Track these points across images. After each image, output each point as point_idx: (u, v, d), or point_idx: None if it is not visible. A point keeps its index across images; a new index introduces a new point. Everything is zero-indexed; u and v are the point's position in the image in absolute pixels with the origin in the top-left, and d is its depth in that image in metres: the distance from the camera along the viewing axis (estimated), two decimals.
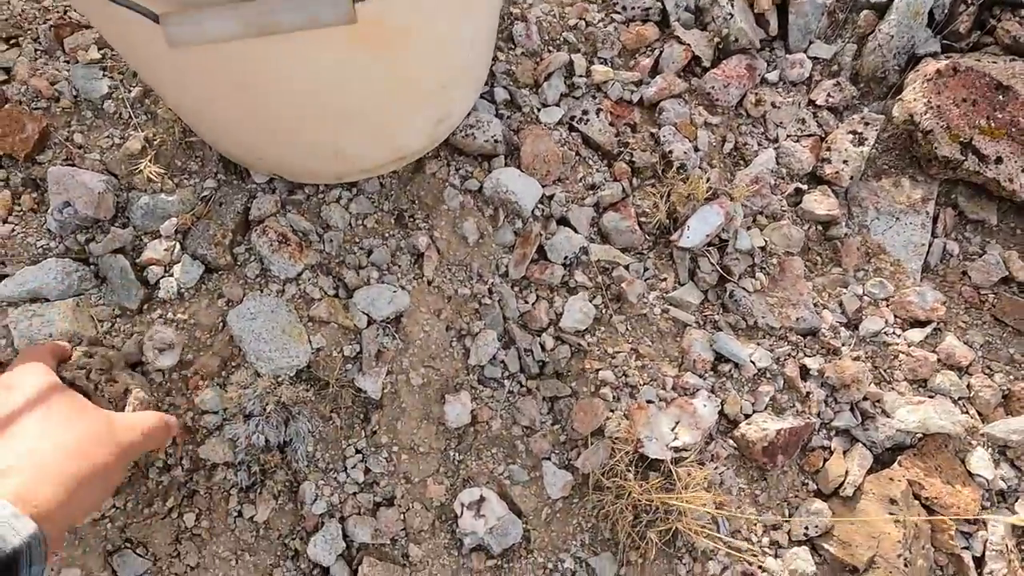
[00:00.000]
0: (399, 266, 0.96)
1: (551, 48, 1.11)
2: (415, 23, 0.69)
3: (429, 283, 0.97)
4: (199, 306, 0.90)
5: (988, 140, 1.03)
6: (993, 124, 1.03)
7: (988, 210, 1.10)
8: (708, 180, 1.06)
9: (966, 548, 0.94)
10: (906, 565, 0.89)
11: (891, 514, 0.91)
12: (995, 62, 1.06)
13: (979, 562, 0.94)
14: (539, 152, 1.03)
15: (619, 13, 1.15)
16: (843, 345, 1.04)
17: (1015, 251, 1.08)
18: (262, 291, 0.92)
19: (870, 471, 0.96)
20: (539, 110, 1.08)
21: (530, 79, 1.09)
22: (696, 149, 1.10)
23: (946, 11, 1.15)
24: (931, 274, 1.10)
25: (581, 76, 1.10)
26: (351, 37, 0.63)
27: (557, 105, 1.08)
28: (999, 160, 1.04)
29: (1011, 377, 1.03)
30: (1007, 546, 0.93)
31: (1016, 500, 0.98)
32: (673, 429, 0.93)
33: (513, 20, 1.11)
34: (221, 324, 0.90)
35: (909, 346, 1.04)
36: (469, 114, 1.02)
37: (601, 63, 1.12)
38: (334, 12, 0.55)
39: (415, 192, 1.00)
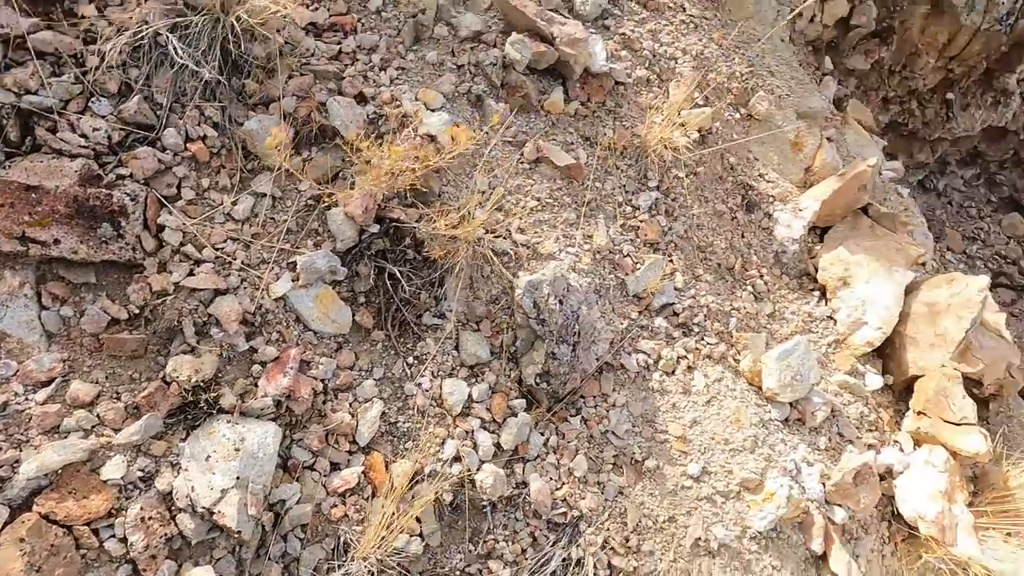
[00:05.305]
0: None
1: None
2: None
3: None
4: None
5: (40, 229, 1.31)
6: (38, 217, 1.32)
7: (87, 275, 1.40)
8: None
9: (111, 538, 1.25)
10: None
11: (21, 551, 1.14)
12: (26, 168, 1.34)
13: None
14: None
15: None
16: None
17: (110, 301, 1.40)
18: None
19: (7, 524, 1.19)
20: None
21: None
22: None
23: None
24: (58, 338, 1.37)
25: None
26: None
27: None
28: (57, 241, 1.33)
29: (134, 391, 1.37)
30: (140, 520, 1.26)
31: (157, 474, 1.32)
32: None
33: None
34: None
35: (38, 405, 1.29)
36: None
37: None
38: None
39: None
